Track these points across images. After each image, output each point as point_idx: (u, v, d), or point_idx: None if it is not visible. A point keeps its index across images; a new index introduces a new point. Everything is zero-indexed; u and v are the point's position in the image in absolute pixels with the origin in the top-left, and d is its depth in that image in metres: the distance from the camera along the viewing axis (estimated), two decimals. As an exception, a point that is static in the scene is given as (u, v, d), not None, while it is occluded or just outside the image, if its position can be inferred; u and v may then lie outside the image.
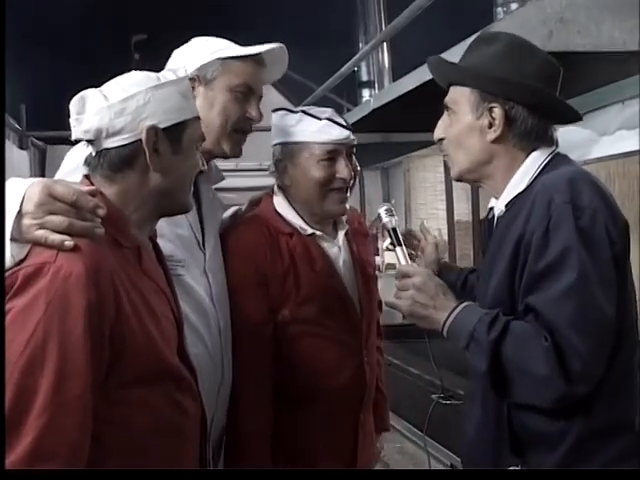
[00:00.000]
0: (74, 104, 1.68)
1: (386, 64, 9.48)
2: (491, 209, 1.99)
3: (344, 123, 2.29)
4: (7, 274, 1.46)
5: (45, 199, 1.49)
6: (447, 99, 1.94)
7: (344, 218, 2.38)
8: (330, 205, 2.27)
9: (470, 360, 1.80)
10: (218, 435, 2.16)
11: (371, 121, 4.15)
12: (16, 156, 8.08)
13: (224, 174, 2.35)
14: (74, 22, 10.37)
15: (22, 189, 1.51)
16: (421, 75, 3.06)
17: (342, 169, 2.25)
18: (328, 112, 2.29)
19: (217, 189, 2.36)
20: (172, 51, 2.21)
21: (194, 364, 1.77)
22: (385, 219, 2.11)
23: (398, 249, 2.03)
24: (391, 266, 9.80)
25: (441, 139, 1.96)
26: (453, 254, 5.20)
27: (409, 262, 2.02)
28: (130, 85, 1.67)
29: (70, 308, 1.43)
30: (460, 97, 1.90)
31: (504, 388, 1.74)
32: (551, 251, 1.69)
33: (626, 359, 1.77)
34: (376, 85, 9.66)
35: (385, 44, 8.80)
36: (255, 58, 2.14)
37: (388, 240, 2.12)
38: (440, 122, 1.96)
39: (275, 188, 2.35)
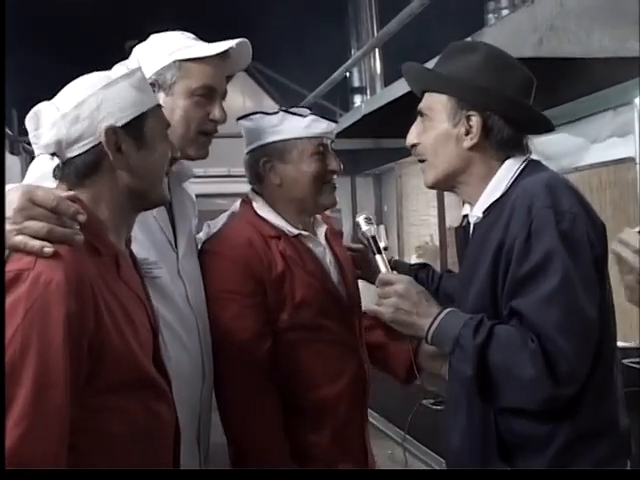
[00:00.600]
0: (29, 121, 1.68)
1: (378, 70, 9.51)
2: (465, 216, 1.99)
3: (328, 117, 2.31)
4: None
5: (25, 204, 1.46)
6: (422, 106, 1.95)
7: (320, 217, 2.39)
8: (325, 198, 2.28)
9: (455, 366, 1.81)
10: (206, 437, 2.15)
11: (363, 127, 4.16)
12: (7, 161, 8.06)
13: (218, 180, 2.32)
14: (66, 27, 10.36)
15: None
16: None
17: (332, 162, 2.28)
18: (306, 110, 2.31)
19: (208, 195, 2.34)
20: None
21: (169, 371, 1.75)
22: (364, 227, 2.14)
23: (378, 257, 2.04)
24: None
25: (414, 145, 1.97)
26: (445, 260, 5.20)
27: (389, 270, 2.01)
28: (81, 90, 1.65)
29: (50, 316, 1.40)
30: (436, 104, 1.91)
31: (490, 393, 1.74)
32: (534, 255, 1.70)
33: (607, 359, 1.79)
34: (368, 91, 9.68)
35: (377, 50, 8.83)
36: (215, 56, 2.07)
37: (381, 246, 2.12)
38: (413, 128, 1.97)
39: (250, 194, 2.33)
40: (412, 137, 1.97)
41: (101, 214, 1.64)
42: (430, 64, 2.85)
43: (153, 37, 2.13)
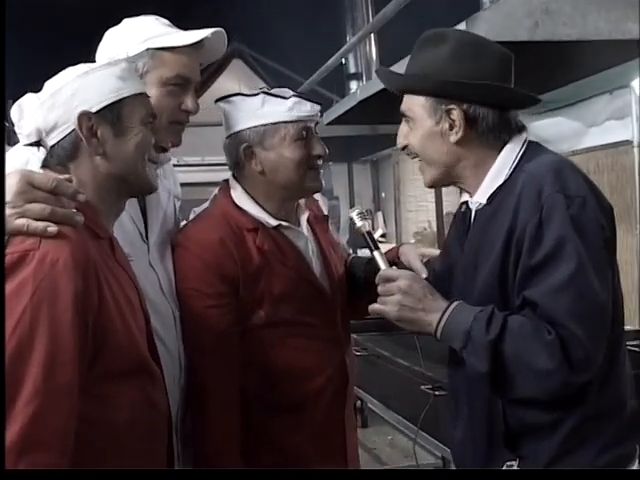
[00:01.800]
0: (13, 113, 1.72)
1: (374, 56, 9.47)
2: (464, 203, 1.98)
3: (311, 98, 2.23)
4: None
5: (25, 187, 1.47)
6: (403, 107, 1.93)
7: (302, 203, 2.31)
8: (309, 182, 2.20)
9: (467, 361, 1.77)
10: (184, 429, 2.14)
11: (359, 113, 4.14)
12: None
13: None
14: (61, 19, 10.31)
15: None
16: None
17: (316, 146, 2.19)
18: (289, 91, 2.22)
19: (205, 183, 2.33)
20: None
21: (171, 349, 1.77)
22: (359, 223, 2.04)
23: (376, 253, 1.97)
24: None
25: (405, 146, 1.96)
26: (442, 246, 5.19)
27: (388, 266, 1.96)
28: (59, 79, 1.69)
29: (59, 294, 1.42)
30: (415, 104, 1.90)
31: (504, 385, 1.72)
32: (546, 242, 1.69)
33: (616, 341, 1.79)
34: (364, 77, 9.65)
35: (372, 36, 8.78)
36: (190, 46, 2.05)
37: (379, 233, 2.09)
38: (400, 130, 1.96)
39: (231, 181, 2.26)
40: (401, 139, 1.96)
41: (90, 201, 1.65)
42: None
43: (126, 21, 2.10)
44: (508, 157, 1.86)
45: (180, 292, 2.13)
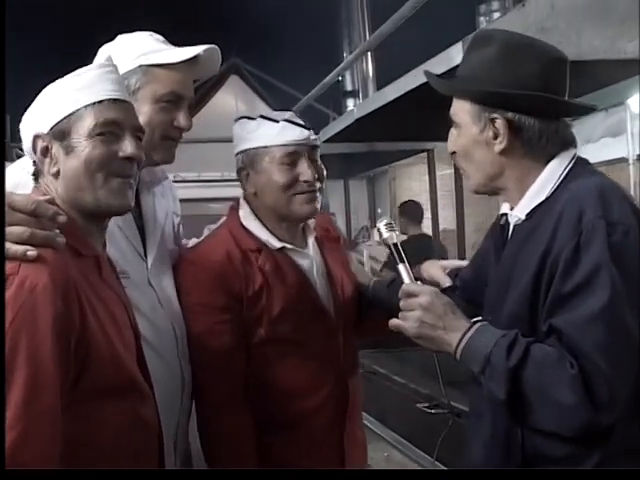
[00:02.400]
0: (21, 124, 1.70)
1: (370, 73, 9.53)
2: (503, 215, 1.88)
3: (302, 123, 2.20)
4: None
5: (5, 210, 1.45)
6: (451, 112, 1.83)
7: (311, 224, 2.29)
8: (297, 207, 2.16)
9: (486, 386, 1.67)
10: (184, 444, 2.13)
11: (356, 130, 4.15)
12: (0, 167, 8.05)
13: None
14: (58, 32, 10.35)
15: None
16: (404, 84, 3.07)
17: (305, 171, 2.15)
18: (287, 114, 2.21)
19: (201, 199, 2.33)
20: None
21: (151, 375, 1.75)
22: (386, 234, 1.94)
23: (401, 266, 1.86)
24: (377, 275, 9.81)
25: (453, 152, 1.86)
26: (439, 262, 5.20)
27: (413, 280, 1.84)
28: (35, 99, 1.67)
29: (37, 319, 1.39)
30: (461, 110, 1.80)
31: (522, 415, 1.63)
32: (581, 269, 1.58)
33: None
34: (360, 94, 9.70)
35: (369, 53, 8.83)
36: (183, 62, 2.01)
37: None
38: (449, 135, 1.86)
39: (241, 200, 2.27)
40: (450, 145, 1.86)
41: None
42: (425, 66, 2.88)
43: (120, 38, 2.07)
44: (553, 173, 1.75)
45: (187, 308, 2.12)
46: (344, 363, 2.25)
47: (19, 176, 1.81)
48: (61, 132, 1.60)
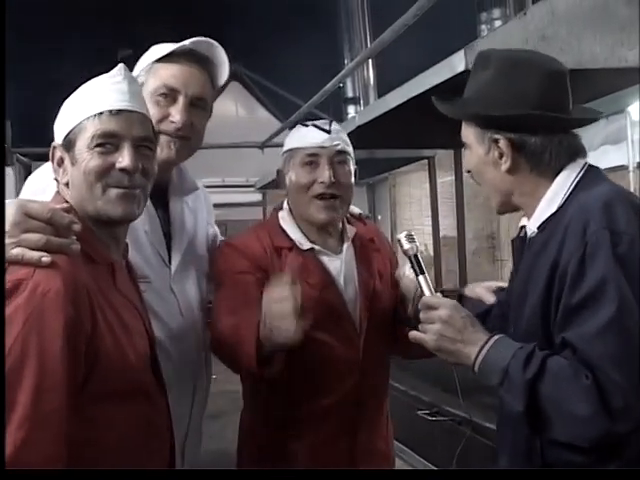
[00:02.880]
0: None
1: (371, 80, 9.54)
2: (522, 227, 1.91)
3: (328, 128, 2.26)
4: None
5: (20, 218, 1.49)
6: (462, 133, 1.88)
7: (352, 231, 2.35)
8: (314, 212, 2.24)
9: (504, 398, 1.72)
10: (192, 450, 2.15)
11: (356, 137, 4.13)
12: (0, 172, 8.06)
13: (212, 190, 2.32)
14: (60, 38, 10.37)
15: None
16: (406, 91, 3.07)
17: (322, 173, 2.22)
18: (322, 121, 2.31)
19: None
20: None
21: (165, 380, 1.77)
22: (406, 246, 1.98)
23: (421, 278, 1.90)
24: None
25: (469, 171, 1.91)
26: (439, 270, 5.20)
27: (433, 292, 1.87)
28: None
29: (48, 324, 1.44)
30: (467, 132, 1.85)
31: (540, 427, 1.66)
32: (588, 282, 1.59)
33: None
34: (361, 101, 9.71)
35: (370, 61, 8.85)
36: (181, 57, 2.05)
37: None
38: (464, 154, 1.93)
39: (284, 202, 2.37)
40: (466, 165, 1.92)
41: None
42: (426, 74, 2.88)
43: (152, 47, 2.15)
44: (562, 184, 1.76)
45: (219, 276, 2.20)
46: (363, 371, 2.25)
47: (45, 182, 1.85)
48: (69, 143, 1.65)
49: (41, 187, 1.88)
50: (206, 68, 2.12)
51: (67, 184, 1.67)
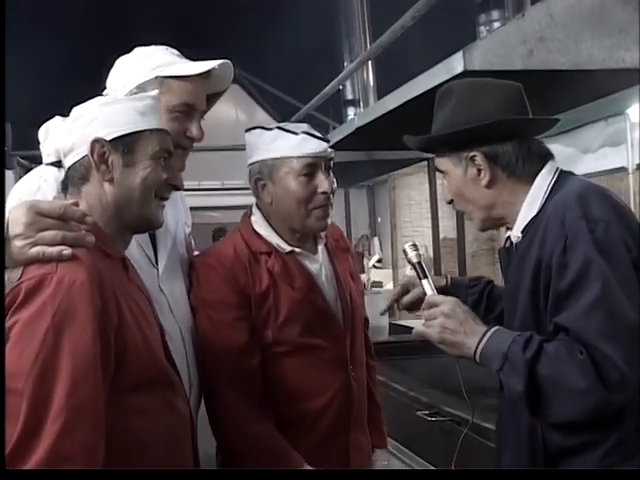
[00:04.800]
0: (40, 133, 1.84)
1: (371, 82, 9.54)
2: (507, 238, 2.02)
3: (321, 136, 2.26)
4: (7, 291, 1.50)
5: (34, 218, 1.53)
6: (436, 165, 2.04)
7: (323, 232, 2.35)
8: (313, 222, 2.23)
9: (504, 383, 1.80)
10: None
11: (356, 139, 4.16)
12: (1, 176, 8.07)
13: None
14: (59, 39, 10.38)
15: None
16: (405, 93, 3.08)
17: (322, 183, 2.21)
18: (304, 127, 2.27)
19: (201, 208, 2.37)
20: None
21: (178, 367, 1.82)
22: (410, 254, 2.11)
23: (424, 281, 2.04)
24: (377, 284, 9.82)
25: (451, 201, 2.05)
26: (439, 272, 5.21)
27: (436, 293, 2.01)
28: (84, 106, 1.77)
29: (77, 314, 1.48)
30: (442, 160, 1.99)
31: (541, 408, 1.75)
32: (572, 268, 1.72)
33: None
34: (361, 103, 9.71)
35: (370, 62, 8.86)
36: (197, 75, 2.09)
37: (375, 258, 2.15)
38: (444, 186, 2.08)
39: (253, 208, 2.33)
40: (447, 194, 2.06)
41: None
42: (425, 75, 2.89)
43: (137, 50, 2.16)
44: (539, 188, 1.91)
45: (198, 306, 2.18)
46: (350, 368, 2.28)
47: (37, 184, 1.93)
48: (124, 145, 1.72)
49: (34, 188, 1.94)
50: (209, 81, 2.15)
51: (110, 181, 1.72)
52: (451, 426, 2.97)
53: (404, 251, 2.14)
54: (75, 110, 1.78)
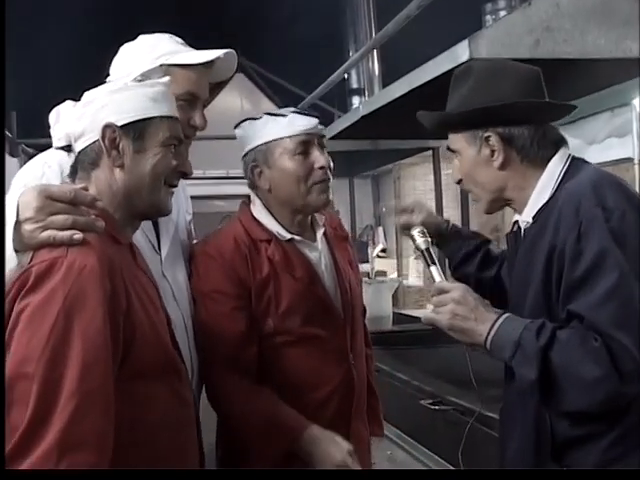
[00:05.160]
0: (51, 117, 1.84)
1: (376, 71, 9.53)
2: (515, 223, 2.01)
3: (310, 113, 2.27)
4: (17, 275, 1.50)
5: (44, 202, 1.53)
6: (448, 143, 2.01)
7: (321, 219, 2.35)
8: (314, 198, 2.23)
9: (516, 371, 1.79)
10: None
11: (361, 128, 4.15)
12: (7, 164, 8.07)
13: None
14: (63, 30, 10.37)
15: (12, 200, 1.56)
16: (410, 81, 3.07)
17: (318, 158, 2.21)
18: (292, 109, 2.28)
19: (207, 197, 2.36)
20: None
21: (183, 355, 1.83)
22: (418, 240, 2.09)
23: (433, 268, 1.99)
24: (381, 273, 9.82)
25: (459, 181, 2.03)
26: (443, 261, 5.20)
27: (444, 279, 1.97)
28: (94, 92, 1.78)
29: (88, 299, 1.48)
30: (456, 139, 1.97)
31: (553, 397, 1.73)
32: (587, 256, 1.70)
33: None
34: (366, 92, 9.71)
35: (375, 51, 8.84)
36: (201, 64, 2.10)
37: (379, 247, 2.13)
38: (453, 165, 2.03)
39: (252, 196, 2.33)
40: (455, 174, 2.03)
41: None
42: (430, 64, 2.89)
43: (141, 38, 2.16)
44: (551, 174, 1.89)
45: (198, 296, 2.18)
46: (351, 358, 2.27)
47: (41, 170, 1.93)
48: (135, 131, 1.73)
49: (38, 174, 1.94)
50: (212, 70, 2.16)
51: (121, 166, 1.73)
52: (455, 415, 2.97)
53: (411, 237, 2.11)
54: (86, 95, 1.78)
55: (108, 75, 2.11)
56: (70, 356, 1.44)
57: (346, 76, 8.23)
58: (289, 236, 2.24)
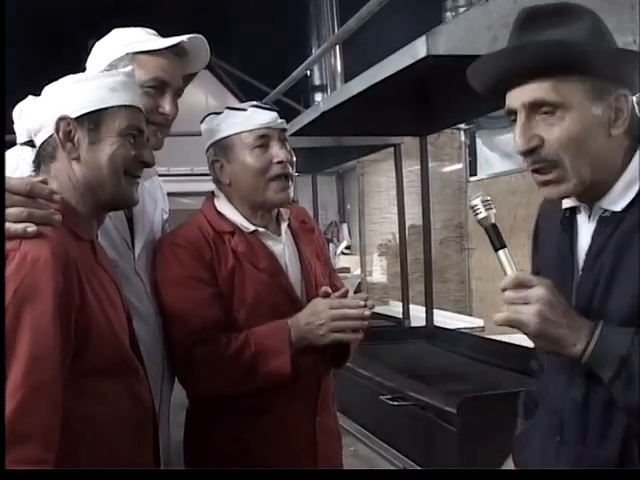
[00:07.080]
0: (14, 113, 1.85)
1: (338, 68, 9.55)
2: (568, 209, 1.65)
3: (270, 107, 2.28)
4: None
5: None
6: (541, 95, 1.50)
7: (286, 213, 2.35)
8: (272, 194, 2.22)
9: (619, 393, 1.45)
10: (164, 433, 2.14)
11: (322, 125, 4.15)
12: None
13: (181, 179, 2.32)
14: (30, 22, 10.27)
15: None
16: (369, 78, 3.06)
17: (277, 152, 2.21)
18: (253, 103, 2.28)
19: (171, 194, 2.36)
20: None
21: (155, 351, 1.84)
22: (483, 214, 1.58)
23: (501, 252, 1.57)
24: (344, 270, 9.85)
25: (534, 148, 1.52)
26: (405, 259, 5.21)
27: (515, 268, 1.54)
28: (53, 85, 1.77)
29: (39, 292, 1.46)
30: (572, 90, 1.49)
31: None
32: None
33: None
34: (329, 89, 9.72)
35: (337, 48, 8.85)
36: (169, 50, 2.10)
37: (343, 244, 2.09)
38: (525, 129, 1.53)
39: (215, 190, 2.33)
40: (534, 140, 1.53)
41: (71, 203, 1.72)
42: (389, 60, 2.88)
43: (114, 32, 2.16)
44: None
45: (172, 284, 2.16)
46: (318, 354, 2.27)
47: (15, 162, 1.92)
48: (90, 122, 1.72)
49: (12, 167, 1.92)
50: (185, 59, 2.15)
51: (77, 159, 1.72)
52: (415, 411, 2.98)
53: (473, 208, 1.60)
54: (46, 89, 1.77)
55: (84, 70, 2.09)
56: (18, 349, 1.42)
57: (309, 73, 8.21)
58: (252, 228, 2.24)
